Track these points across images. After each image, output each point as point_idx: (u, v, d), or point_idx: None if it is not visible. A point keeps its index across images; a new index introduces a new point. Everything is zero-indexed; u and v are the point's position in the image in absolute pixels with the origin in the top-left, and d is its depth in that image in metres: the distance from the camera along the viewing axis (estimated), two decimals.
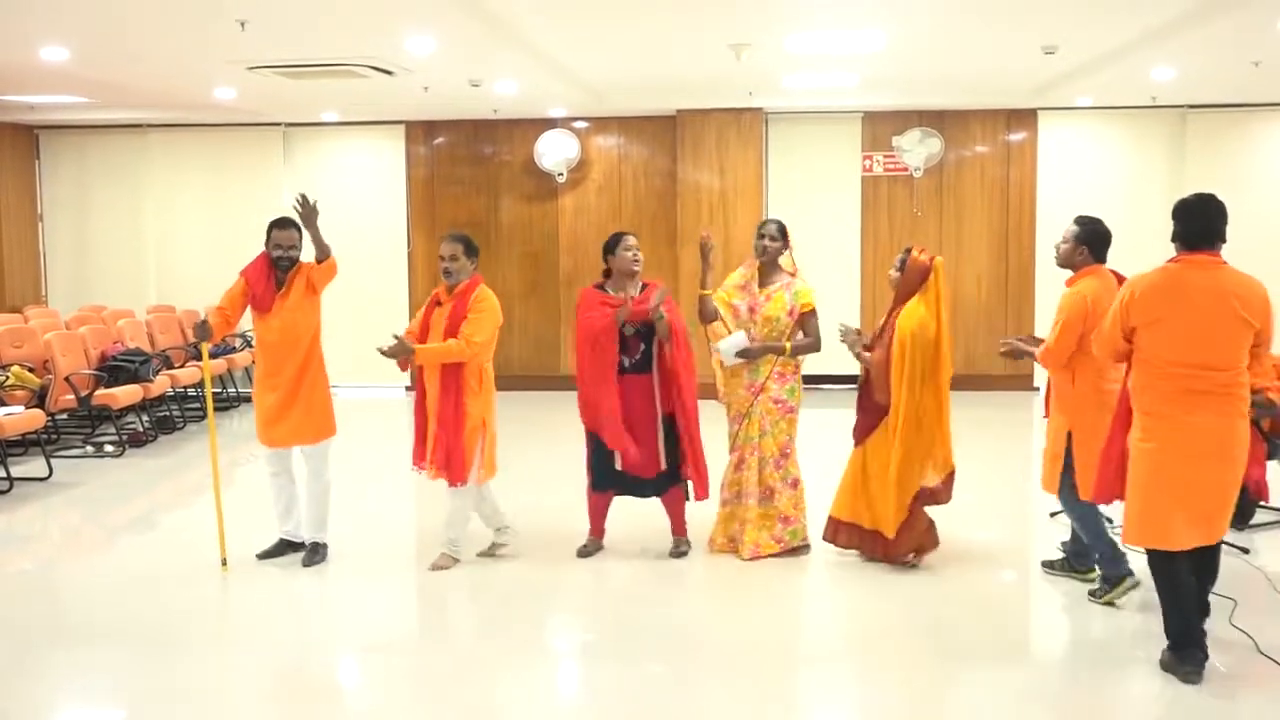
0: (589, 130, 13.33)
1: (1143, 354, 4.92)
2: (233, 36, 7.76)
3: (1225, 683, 5.03)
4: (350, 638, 5.71)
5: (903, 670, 5.23)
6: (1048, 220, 12.66)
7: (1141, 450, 4.92)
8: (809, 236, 12.60)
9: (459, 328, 6.20)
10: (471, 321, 6.23)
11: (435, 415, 6.28)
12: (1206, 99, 12.29)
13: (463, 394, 6.25)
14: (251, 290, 6.44)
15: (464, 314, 6.24)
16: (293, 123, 13.48)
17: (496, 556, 6.60)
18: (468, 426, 6.26)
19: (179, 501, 8.81)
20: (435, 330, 6.28)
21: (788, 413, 6.60)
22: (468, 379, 6.26)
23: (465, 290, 6.32)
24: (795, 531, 6.66)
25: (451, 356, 6.20)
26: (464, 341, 6.18)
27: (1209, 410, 4.81)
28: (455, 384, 6.24)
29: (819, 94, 11.79)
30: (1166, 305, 4.86)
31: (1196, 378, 4.80)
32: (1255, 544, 6.82)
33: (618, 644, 5.51)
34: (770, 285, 6.64)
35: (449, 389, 6.23)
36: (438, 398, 6.26)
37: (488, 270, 13.38)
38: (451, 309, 6.28)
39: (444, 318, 6.27)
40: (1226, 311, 4.80)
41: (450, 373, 6.23)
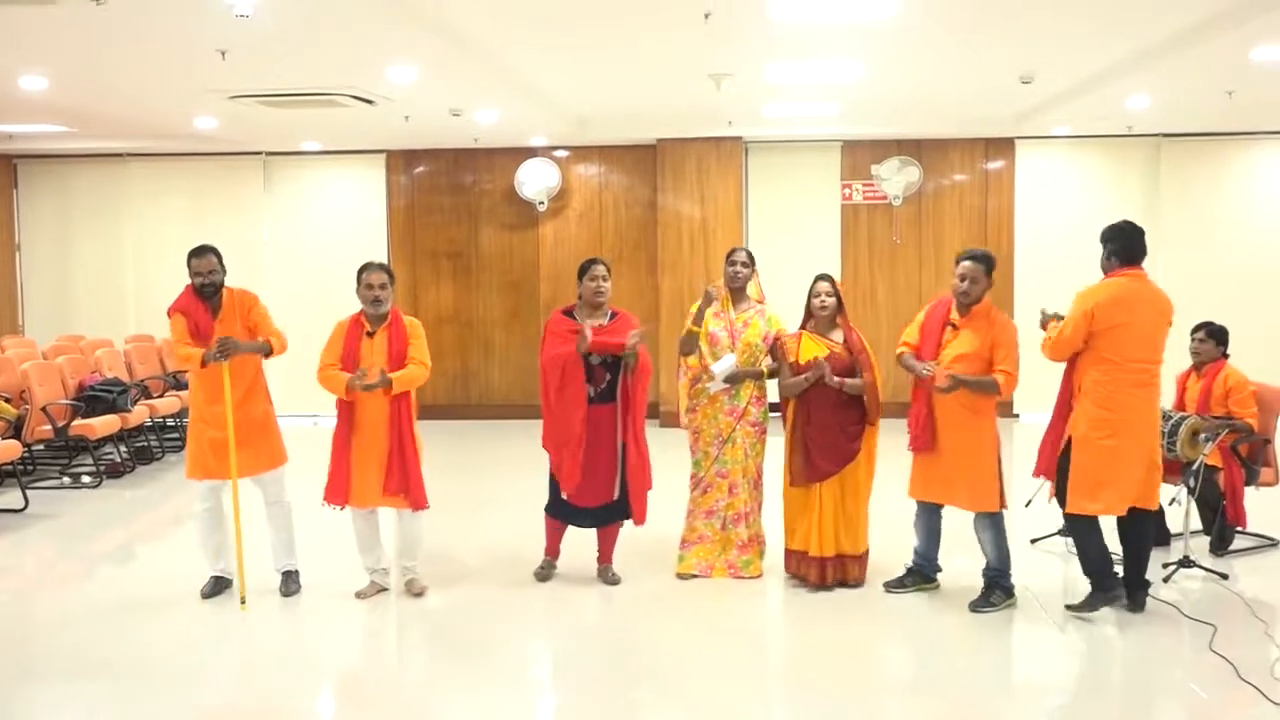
0: (569, 159, 13.37)
1: (1103, 354, 5.80)
2: (213, 66, 7.78)
3: (1206, 709, 5.05)
4: (326, 668, 5.68)
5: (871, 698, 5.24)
6: (1026, 248, 12.76)
7: (1104, 447, 5.80)
8: (789, 265, 12.69)
9: (404, 354, 6.28)
10: (418, 346, 6.36)
11: (383, 446, 6.26)
12: (1181, 128, 12.41)
13: (411, 421, 6.34)
14: (192, 321, 6.39)
15: (405, 340, 6.32)
16: (273, 152, 13.49)
17: (412, 593, 6.56)
18: (418, 450, 6.37)
19: (157, 533, 8.75)
20: (371, 359, 6.24)
21: (762, 435, 6.71)
22: (411, 406, 6.36)
23: (396, 318, 6.40)
24: (763, 552, 6.78)
25: (419, 381, 6.34)
26: (423, 366, 6.33)
27: (1150, 398, 5.89)
28: (405, 412, 6.31)
29: (798, 123, 11.87)
30: (1126, 312, 5.81)
31: (1144, 371, 5.84)
32: (1234, 569, 6.84)
33: (610, 672, 5.49)
34: (743, 311, 6.69)
35: (399, 418, 6.28)
36: (386, 427, 6.26)
37: (468, 299, 13.56)
38: (390, 337, 6.31)
39: (383, 346, 6.29)
40: (1160, 315, 5.94)
41: (399, 402, 6.28)
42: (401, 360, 6.27)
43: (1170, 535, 7.24)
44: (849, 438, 6.35)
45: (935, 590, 6.47)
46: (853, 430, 6.36)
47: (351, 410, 6.29)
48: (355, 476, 6.31)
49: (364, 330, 6.34)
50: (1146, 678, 5.37)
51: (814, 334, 6.49)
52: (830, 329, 6.50)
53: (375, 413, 6.26)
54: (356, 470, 6.30)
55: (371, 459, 6.29)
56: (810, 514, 6.40)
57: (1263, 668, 5.23)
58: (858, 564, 6.48)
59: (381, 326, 6.34)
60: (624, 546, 6.97)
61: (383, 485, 6.28)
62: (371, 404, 6.26)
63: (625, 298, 13.20)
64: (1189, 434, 6.72)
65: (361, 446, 6.29)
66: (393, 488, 6.27)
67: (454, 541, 7.54)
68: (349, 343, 6.33)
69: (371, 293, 6.31)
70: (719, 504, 6.66)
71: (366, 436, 6.28)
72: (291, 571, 6.65)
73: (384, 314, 6.36)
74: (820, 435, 6.36)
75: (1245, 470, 7.13)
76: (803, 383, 6.35)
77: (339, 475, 6.34)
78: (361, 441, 6.29)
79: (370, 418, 6.27)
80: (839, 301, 6.48)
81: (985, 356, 6.03)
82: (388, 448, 6.27)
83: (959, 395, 6.04)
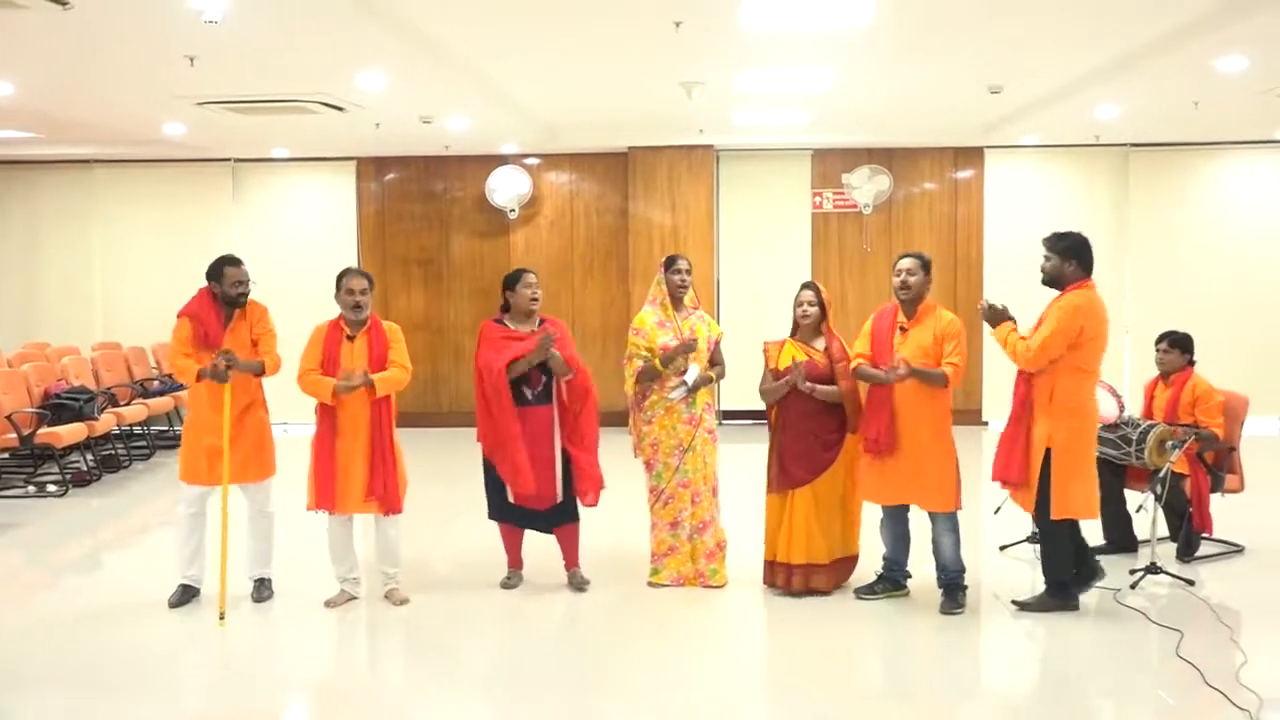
0: (541, 166, 13.37)
1: (1078, 364, 5.96)
2: (182, 72, 7.73)
3: (1172, 714, 5.09)
4: (296, 676, 5.65)
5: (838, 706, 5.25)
6: (995, 256, 12.85)
7: (1085, 454, 6.02)
8: (760, 273, 12.77)
9: (385, 358, 6.35)
10: (399, 351, 6.45)
11: (364, 451, 6.29)
12: (1148, 138, 12.53)
13: (392, 426, 6.40)
14: (201, 327, 6.37)
15: (385, 344, 6.40)
16: (242, 158, 13.41)
17: (394, 602, 6.53)
18: (398, 456, 6.42)
19: (124, 542, 8.67)
20: (351, 363, 6.28)
21: (714, 441, 6.77)
22: (391, 412, 6.41)
23: (375, 323, 6.47)
24: (723, 557, 6.78)
25: (400, 383, 6.41)
26: (404, 369, 6.41)
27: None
28: (386, 417, 6.36)
29: (769, 131, 11.90)
30: (1102, 324, 6.02)
31: (1098, 378, 6.21)
32: (1200, 575, 6.90)
33: (580, 681, 5.48)
34: (686, 318, 6.76)
35: (380, 422, 6.33)
36: (367, 433, 6.30)
37: (439, 306, 13.52)
38: (370, 341, 6.38)
39: (364, 350, 6.34)
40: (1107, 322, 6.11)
41: (380, 407, 6.33)
42: (382, 364, 6.34)
43: (1138, 542, 7.30)
44: (824, 446, 6.37)
45: (905, 597, 6.49)
46: (829, 439, 6.37)
47: (333, 415, 6.30)
48: (338, 482, 6.31)
49: (344, 334, 6.37)
50: (1114, 683, 5.39)
51: (798, 342, 6.52)
52: (814, 337, 6.54)
53: (356, 417, 6.29)
54: (339, 476, 6.31)
55: (354, 464, 6.30)
56: (783, 521, 6.43)
57: (1228, 673, 5.27)
58: (825, 573, 6.44)
59: (361, 331, 6.39)
60: (593, 556, 6.98)
61: (365, 489, 6.29)
62: (353, 409, 6.27)
63: (596, 305, 13.24)
64: (1156, 442, 6.79)
65: (344, 451, 6.30)
66: (373, 492, 6.30)
67: (425, 549, 7.51)
68: (329, 347, 6.35)
69: (352, 298, 6.35)
70: (683, 514, 6.66)
71: (348, 441, 6.30)
72: (264, 579, 6.64)
73: (364, 319, 6.40)
74: (795, 443, 6.38)
75: (1211, 477, 7.19)
76: (781, 387, 6.38)
77: (324, 480, 6.32)
78: (344, 446, 6.30)
79: (351, 423, 6.29)
80: (823, 310, 6.52)
81: (935, 354, 6.15)
82: (369, 452, 6.30)
83: (921, 395, 6.11)
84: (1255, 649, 5.64)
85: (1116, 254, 12.88)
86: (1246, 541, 7.52)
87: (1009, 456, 6.13)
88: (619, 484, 7.46)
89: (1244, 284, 12.78)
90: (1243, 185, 12.91)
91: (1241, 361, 11.99)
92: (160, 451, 11.68)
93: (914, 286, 6.26)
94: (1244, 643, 5.74)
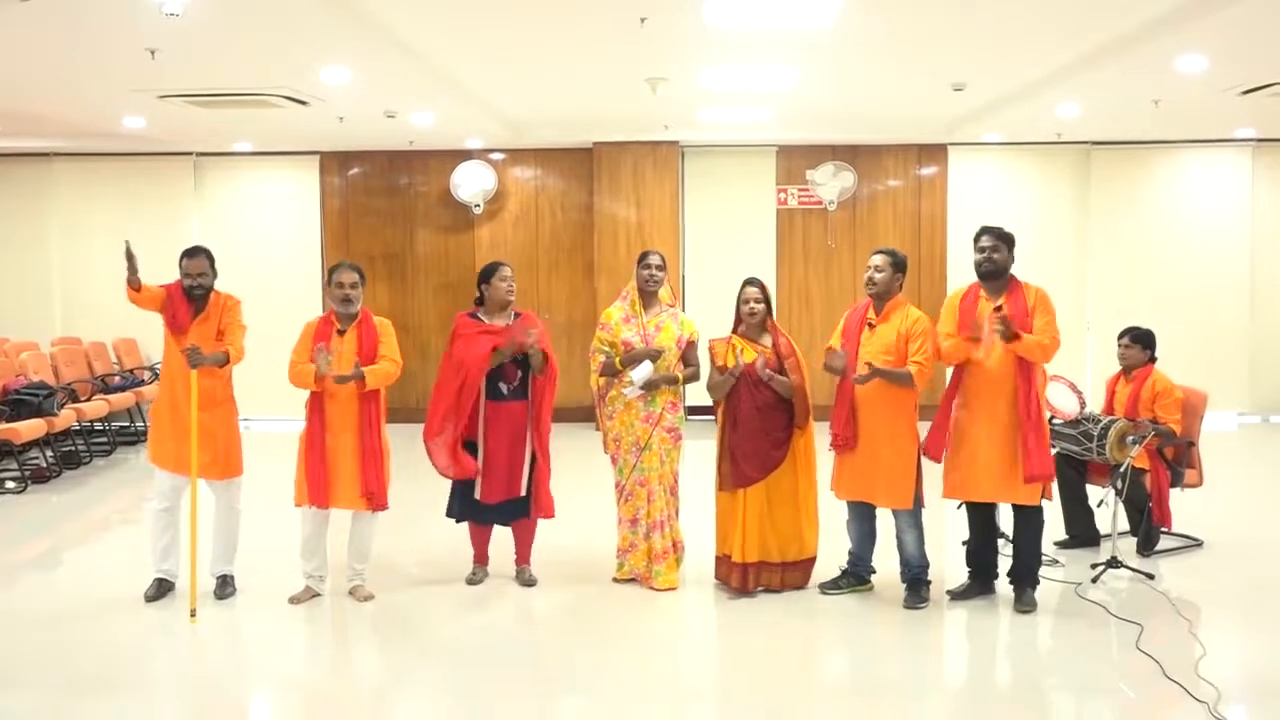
0: (506, 162, 13.33)
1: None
2: (142, 65, 7.66)
3: (1132, 708, 5.15)
4: (261, 674, 5.62)
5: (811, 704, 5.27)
6: (959, 252, 12.91)
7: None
8: (724, 268, 12.74)
9: (375, 353, 6.35)
10: (389, 345, 6.44)
11: (355, 447, 6.29)
12: (1110, 136, 12.63)
13: (381, 422, 6.40)
14: (171, 307, 6.33)
15: (376, 339, 6.40)
16: (204, 152, 13.29)
17: (359, 599, 6.52)
18: (386, 452, 6.43)
19: (84, 539, 8.58)
20: (340, 358, 6.29)
21: (678, 440, 6.71)
22: (381, 408, 6.41)
23: (366, 317, 6.46)
24: (680, 559, 6.78)
25: (390, 377, 6.41)
26: (395, 363, 6.41)
27: None
28: (376, 413, 6.37)
29: (734, 128, 11.92)
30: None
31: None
32: (1160, 569, 6.97)
33: (533, 682, 5.47)
34: (655, 315, 6.70)
35: (369, 418, 6.33)
36: (356, 428, 6.30)
37: (404, 302, 13.47)
38: (360, 335, 6.38)
39: (354, 344, 6.34)
40: None
41: (369, 402, 6.32)
42: (372, 358, 6.34)
43: (1099, 536, 7.36)
44: (774, 444, 6.35)
45: (869, 591, 6.52)
46: (778, 436, 6.35)
47: (323, 410, 6.30)
48: (330, 477, 6.29)
49: (334, 329, 6.38)
50: (1075, 676, 5.43)
51: (744, 338, 6.51)
52: (760, 334, 6.52)
53: (346, 413, 6.29)
54: (331, 471, 6.29)
55: (344, 460, 6.30)
56: (736, 519, 6.41)
57: (1187, 666, 5.33)
58: (780, 571, 6.45)
59: (351, 325, 6.40)
60: (562, 551, 6.97)
61: (360, 487, 6.30)
62: (343, 404, 6.28)
63: (561, 300, 13.23)
64: (1117, 437, 6.84)
65: (334, 447, 6.30)
66: (367, 488, 6.31)
67: (389, 546, 7.46)
68: (319, 341, 6.34)
69: (342, 291, 6.36)
70: (640, 512, 6.65)
71: (338, 437, 6.30)
72: (228, 576, 6.61)
73: (354, 313, 6.41)
74: (745, 441, 6.36)
75: (1170, 472, 7.25)
76: (729, 380, 6.37)
77: (316, 476, 6.30)
78: (334, 442, 6.30)
79: (341, 418, 6.30)
80: (768, 306, 6.51)
81: (900, 351, 6.16)
82: (359, 448, 6.30)
83: (882, 392, 6.14)
84: (1214, 642, 5.70)
85: (1078, 250, 13.00)
86: (1205, 536, 7.60)
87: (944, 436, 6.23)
88: (590, 480, 7.47)
89: (1203, 281, 12.92)
90: (1203, 183, 13.04)
91: (1200, 358, 12.16)
92: (122, 448, 11.58)
93: (879, 283, 6.29)
94: (1203, 636, 5.80)
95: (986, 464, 6.07)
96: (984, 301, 6.15)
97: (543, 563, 6.90)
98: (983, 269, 6.19)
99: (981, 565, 6.44)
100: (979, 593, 6.41)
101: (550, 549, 6.97)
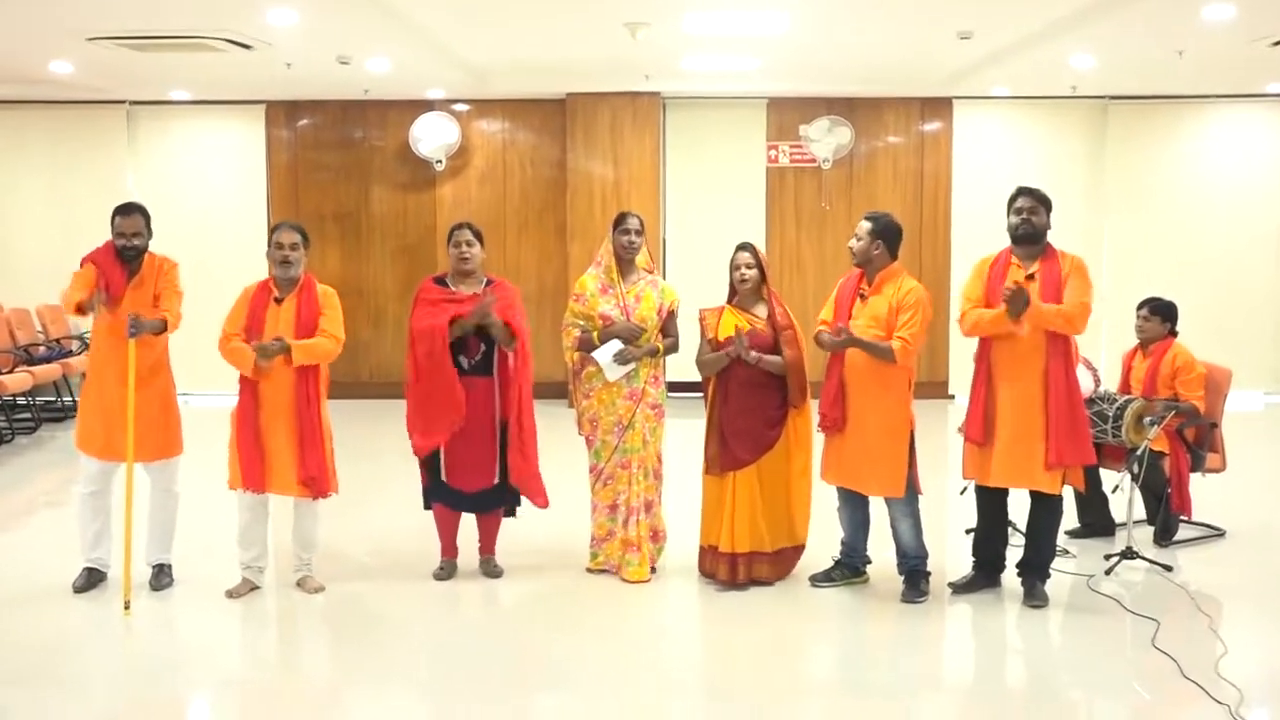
0: (470, 114, 13.26)
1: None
2: (70, 4, 7.56)
3: (1147, 710, 5.17)
4: (201, 669, 5.58)
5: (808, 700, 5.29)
6: (964, 214, 12.93)
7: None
8: (709, 232, 12.75)
9: (314, 325, 6.23)
10: (330, 319, 6.31)
11: (292, 428, 6.21)
12: (1129, 90, 12.65)
13: (320, 401, 6.32)
14: (103, 277, 6.27)
15: (316, 310, 6.28)
16: (138, 101, 13.17)
17: (308, 591, 6.50)
18: (326, 434, 6.33)
19: (6, 524, 8.51)
20: (276, 329, 6.20)
21: (660, 418, 6.69)
22: (320, 385, 6.33)
23: (308, 285, 6.35)
24: (661, 549, 6.78)
25: (326, 354, 6.29)
26: (334, 339, 6.28)
27: None
28: (314, 391, 6.27)
29: (720, 78, 11.88)
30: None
31: None
32: (1178, 561, 7.00)
33: (507, 677, 5.47)
34: (634, 284, 6.66)
35: (307, 397, 6.23)
36: (292, 407, 6.21)
37: (358, 266, 13.41)
38: (299, 305, 6.26)
39: (291, 315, 6.24)
40: None
41: (306, 379, 6.23)
42: (310, 332, 6.21)
43: (1114, 525, 7.39)
44: (768, 424, 6.34)
45: (864, 584, 6.54)
46: (773, 415, 6.34)
47: (255, 387, 6.22)
48: (265, 460, 6.23)
49: (271, 296, 6.28)
50: (1086, 676, 5.46)
51: (737, 308, 6.48)
52: (754, 302, 6.49)
53: (280, 390, 6.20)
54: (266, 454, 6.23)
55: (279, 442, 6.23)
56: (724, 506, 6.39)
57: (1207, 665, 5.34)
58: (769, 562, 6.45)
59: (291, 293, 6.28)
60: (533, 540, 6.96)
61: (296, 472, 6.22)
62: (277, 380, 6.19)
63: (531, 265, 13.19)
64: (1134, 418, 6.85)
65: (269, 428, 6.22)
66: (305, 473, 6.22)
67: (342, 534, 7.44)
68: (254, 310, 6.25)
69: (281, 253, 6.25)
70: (620, 497, 6.63)
71: (271, 417, 6.22)
72: (164, 565, 6.57)
73: (294, 278, 6.30)
74: (736, 420, 6.34)
75: (1191, 456, 7.27)
76: (721, 359, 6.34)
77: (250, 458, 6.23)
78: (268, 421, 6.22)
79: (275, 396, 6.21)
80: (762, 273, 6.48)
81: (890, 325, 6.13)
82: (296, 430, 6.21)
83: (871, 369, 6.11)
84: (1236, 639, 5.74)
85: (1092, 215, 13.01)
86: (1228, 524, 7.64)
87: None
88: (564, 461, 7.45)
89: (1229, 248, 12.97)
90: (1229, 142, 13.07)
91: (1225, 331, 12.19)
92: (47, 425, 11.51)
93: (856, 252, 6.27)
94: (1224, 633, 5.83)
95: (1007, 446, 6.05)
96: (1014, 267, 6.12)
97: (509, 552, 6.87)
98: (1019, 232, 6.13)
99: (988, 556, 6.45)
100: (983, 585, 6.43)
101: (516, 537, 6.95)
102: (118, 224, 6.32)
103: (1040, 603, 6.17)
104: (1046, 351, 5.96)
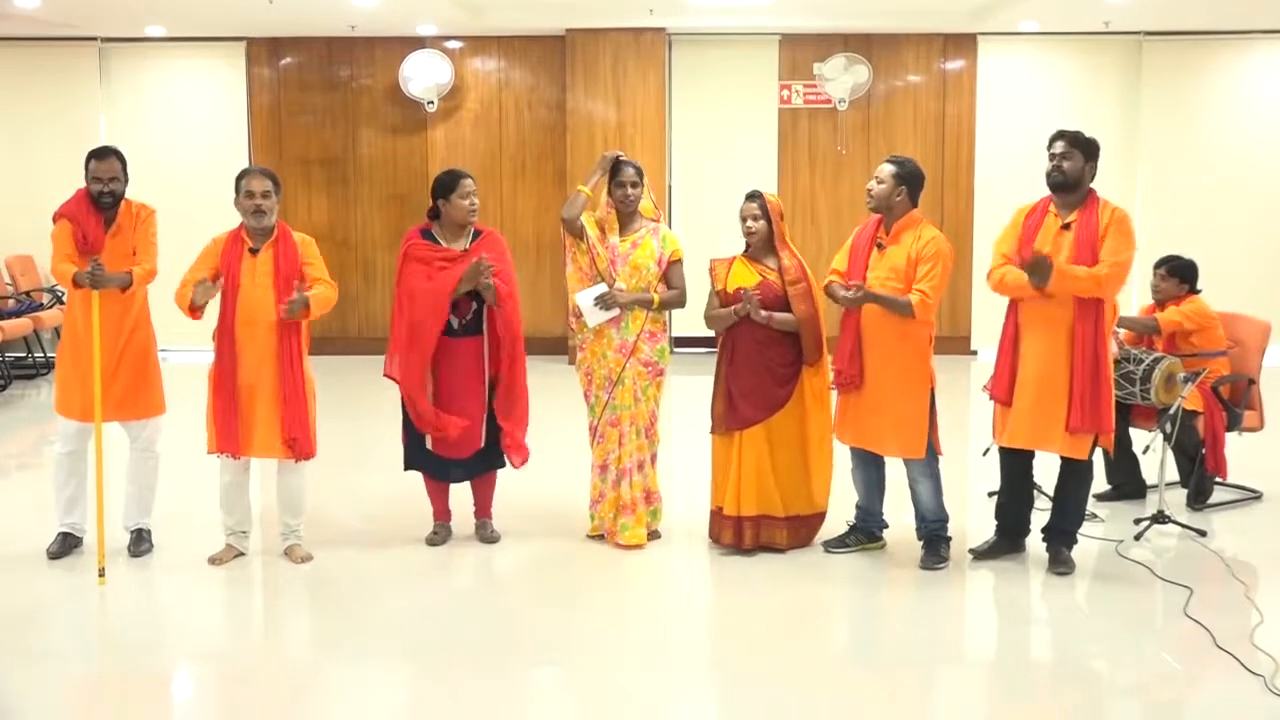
0: (464, 52, 13.20)
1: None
2: None
3: (1179, 681, 5.19)
4: (180, 644, 5.62)
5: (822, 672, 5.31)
6: (988, 158, 12.89)
7: None
8: (717, 177, 12.72)
9: (295, 276, 6.19)
10: (318, 266, 6.33)
11: (273, 386, 6.19)
12: (1165, 25, 12.56)
13: (302, 359, 6.29)
14: (79, 229, 6.26)
15: (297, 261, 6.25)
16: (110, 38, 13.12)
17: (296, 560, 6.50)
18: (309, 394, 6.31)
19: None
20: (254, 282, 6.18)
21: (656, 376, 6.63)
22: (302, 341, 6.32)
23: (284, 234, 6.32)
24: (657, 511, 6.78)
25: (332, 303, 6.38)
26: (331, 286, 6.35)
27: None
28: (296, 345, 6.25)
29: (729, 13, 11.82)
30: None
31: None
32: (1212, 525, 7.01)
33: (503, 648, 5.50)
34: (634, 233, 6.62)
35: (290, 356, 6.20)
36: (274, 364, 6.19)
37: (345, 214, 13.39)
38: (276, 256, 6.22)
39: (269, 267, 6.20)
40: None
41: (289, 337, 6.20)
42: (290, 283, 6.17)
43: (1145, 487, 7.41)
44: (777, 381, 6.33)
45: (881, 549, 6.56)
46: (783, 373, 6.33)
47: (233, 343, 6.20)
48: (245, 421, 6.22)
49: (246, 248, 6.24)
50: (1114, 646, 5.49)
51: (749, 260, 6.46)
52: (766, 254, 6.46)
53: (261, 346, 6.18)
54: (244, 414, 6.22)
55: (260, 401, 6.21)
56: (730, 467, 6.40)
57: (1242, 634, 5.37)
58: (782, 527, 6.46)
59: (266, 243, 6.25)
60: (520, 504, 6.97)
61: (281, 433, 6.21)
62: (258, 337, 6.17)
63: (528, 214, 13.17)
64: (1164, 377, 6.82)
65: (248, 387, 6.21)
66: (288, 434, 6.22)
67: (331, 498, 7.47)
68: (228, 262, 6.22)
69: (252, 201, 6.20)
70: (610, 456, 6.63)
71: (251, 374, 6.20)
72: (143, 530, 6.60)
73: (268, 228, 6.26)
74: (743, 377, 6.34)
75: (1227, 414, 7.27)
76: (730, 316, 6.33)
77: (227, 419, 6.22)
78: (247, 380, 6.21)
79: (256, 353, 6.18)
80: (770, 222, 6.44)
81: (909, 277, 6.10)
82: (279, 388, 6.20)
83: (889, 324, 6.09)
84: (1272, 608, 5.75)
85: (1126, 158, 12.95)
86: (1265, 487, 7.66)
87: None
88: (563, 418, 7.44)
89: (1270, 192, 12.90)
90: (1272, 80, 13.00)
91: (1265, 280, 12.14)
92: (18, 382, 11.53)
93: (876, 196, 6.23)
94: (1259, 601, 5.85)
95: (1029, 406, 6.05)
96: (1052, 216, 6.09)
97: (507, 515, 6.90)
98: (1051, 179, 6.10)
99: (1012, 521, 6.46)
100: (1006, 551, 6.45)
101: (516, 500, 6.97)
102: (93, 168, 6.30)
103: (1066, 569, 6.19)
104: (1075, 312, 5.94)
